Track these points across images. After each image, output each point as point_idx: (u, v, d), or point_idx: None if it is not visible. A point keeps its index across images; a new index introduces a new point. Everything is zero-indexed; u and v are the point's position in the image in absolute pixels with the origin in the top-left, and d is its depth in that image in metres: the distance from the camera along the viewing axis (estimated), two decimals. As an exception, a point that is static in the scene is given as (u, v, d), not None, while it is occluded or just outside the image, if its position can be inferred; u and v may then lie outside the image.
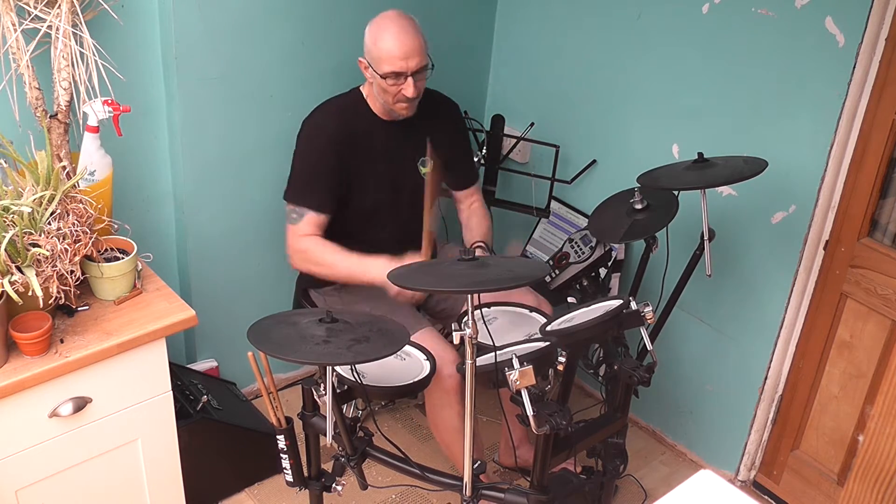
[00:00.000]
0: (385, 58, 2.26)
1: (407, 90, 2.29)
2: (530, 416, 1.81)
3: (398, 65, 2.25)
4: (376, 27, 2.30)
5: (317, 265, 2.38)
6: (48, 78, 2.01)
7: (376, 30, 2.29)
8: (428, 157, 2.41)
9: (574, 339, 2.08)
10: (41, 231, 1.84)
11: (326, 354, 1.72)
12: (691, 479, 1.13)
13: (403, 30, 2.26)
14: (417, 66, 2.27)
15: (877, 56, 2.16)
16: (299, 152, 2.39)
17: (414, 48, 2.26)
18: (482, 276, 1.73)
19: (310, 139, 2.38)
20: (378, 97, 2.36)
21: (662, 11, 2.53)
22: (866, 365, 2.41)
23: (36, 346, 1.83)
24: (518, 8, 2.95)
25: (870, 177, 2.28)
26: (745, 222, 2.50)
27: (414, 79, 2.28)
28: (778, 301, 2.50)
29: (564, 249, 2.82)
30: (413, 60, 2.26)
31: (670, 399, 2.88)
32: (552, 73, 2.91)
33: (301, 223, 2.35)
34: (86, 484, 2.04)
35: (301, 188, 2.36)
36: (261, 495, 2.63)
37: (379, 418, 2.94)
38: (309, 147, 2.38)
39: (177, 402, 2.28)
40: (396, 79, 2.28)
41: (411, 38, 2.26)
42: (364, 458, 2.05)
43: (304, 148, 2.38)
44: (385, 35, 2.26)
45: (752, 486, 2.80)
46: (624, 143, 2.75)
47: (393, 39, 2.25)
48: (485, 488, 1.98)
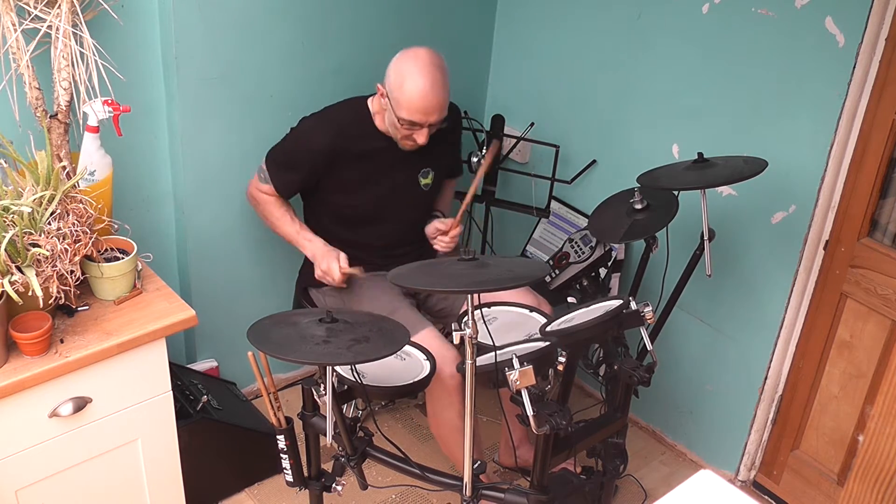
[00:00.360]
0: (406, 106, 2.23)
1: (419, 138, 2.29)
2: (530, 416, 1.81)
3: (418, 117, 2.24)
4: (406, 67, 2.23)
5: (263, 215, 2.51)
6: (48, 78, 2.01)
7: (406, 71, 2.23)
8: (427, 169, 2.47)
9: (574, 339, 2.08)
10: (41, 231, 1.84)
11: (326, 354, 1.72)
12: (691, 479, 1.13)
13: (433, 84, 2.21)
14: (435, 121, 2.27)
15: (877, 56, 2.16)
16: (290, 140, 2.42)
17: (439, 105, 2.24)
18: (482, 276, 1.73)
19: (300, 141, 2.40)
20: (388, 125, 2.35)
21: (662, 11, 2.53)
22: (866, 365, 2.41)
23: (36, 346, 1.83)
24: (518, 8, 2.95)
25: (870, 177, 2.28)
26: (745, 222, 2.50)
27: (429, 129, 2.28)
28: (778, 301, 2.50)
29: (564, 249, 2.82)
30: (433, 116, 2.25)
31: (670, 399, 2.88)
32: (552, 73, 2.91)
33: (264, 185, 2.45)
34: (86, 484, 2.04)
35: (277, 165, 2.42)
36: (261, 495, 2.63)
37: (379, 418, 2.94)
38: (297, 146, 2.40)
39: (177, 402, 2.28)
40: (411, 127, 2.27)
41: (439, 94, 2.23)
42: (364, 458, 2.05)
43: (292, 143, 2.41)
44: (413, 83, 2.21)
45: (752, 486, 2.80)
46: (624, 143, 2.75)
47: (420, 92, 2.21)
48: (485, 488, 1.98)
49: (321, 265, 2.41)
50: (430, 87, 2.22)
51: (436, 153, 2.44)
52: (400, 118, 2.26)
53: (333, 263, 2.39)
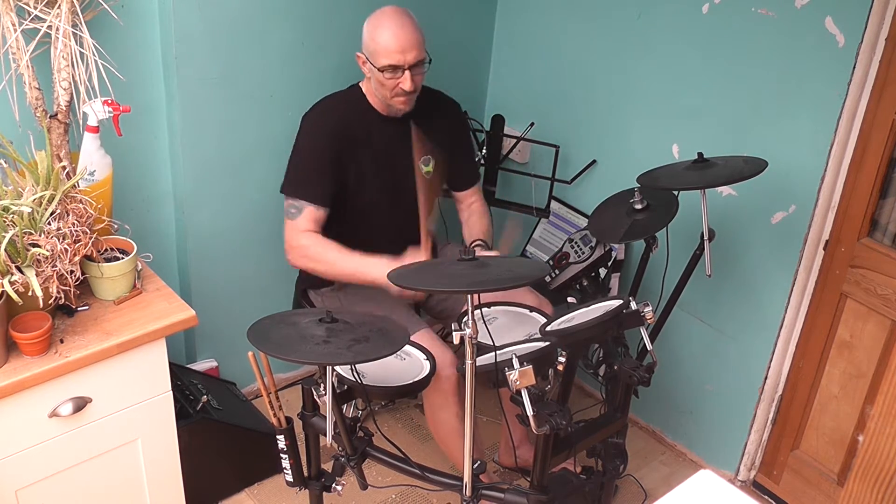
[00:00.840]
0: (382, 51, 2.27)
1: (404, 84, 2.29)
2: (530, 416, 1.81)
3: (395, 58, 2.26)
4: (374, 22, 2.31)
5: (315, 262, 2.35)
6: (48, 78, 2.01)
7: (374, 24, 2.30)
8: (428, 156, 2.42)
9: (574, 339, 2.08)
10: (41, 231, 1.84)
11: (326, 354, 1.72)
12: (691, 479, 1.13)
13: (401, 24, 2.27)
14: (415, 60, 2.28)
15: (877, 56, 2.16)
16: (298, 146, 2.39)
17: (411, 42, 2.27)
18: (482, 276, 1.73)
19: (309, 133, 2.38)
20: (376, 92, 2.36)
21: (662, 11, 2.53)
22: (866, 365, 2.41)
23: (36, 346, 1.83)
24: (518, 8, 2.95)
25: (870, 177, 2.28)
26: (745, 222, 2.50)
27: (411, 73, 2.28)
28: (778, 301, 2.50)
29: (564, 249, 2.82)
30: (410, 54, 2.27)
31: (670, 399, 2.88)
32: (552, 73, 2.91)
33: (300, 218, 2.33)
34: (86, 484, 2.04)
35: (299, 181, 2.35)
36: (261, 495, 2.63)
37: (379, 418, 2.94)
38: (308, 141, 2.38)
39: (177, 402, 2.28)
40: (394, 72, 2.28)
41: (409, 33, 2.27)
42: (364, 458, 2.05)
43: (303, 142, 2.38)
44: (382, 29, 2.27)
45: (752, 486, 2.80)
46: (624, 143, 2.75)
47: (390, 33, 2.26)
48: (485, 488, 1.98)
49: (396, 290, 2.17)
50: (399, 26, 2.26)
51: (434, 139, 2.42)
52: (381, 68, 2.27)
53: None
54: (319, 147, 2.36)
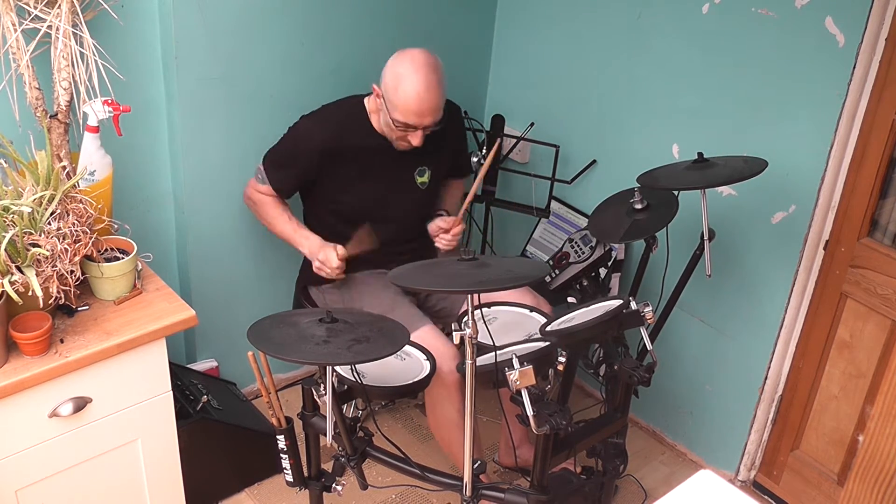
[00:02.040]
0: (401, 108, 2.24)
1: (414, 140, 2.30)
2: (530, 416, 1.81)
3: (412, 120, 2.25)
4: (402, 71, 2.23)
5: (259, 216, 2.52)
6: (48, 78, 2.01)
7: (401, 74, 2.23)
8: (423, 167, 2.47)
9: (574, 339, 2.08)
10: (41, 231, 1.84)
11: (326, 354, 1.72)
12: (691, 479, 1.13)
13: (428, 87, 2.21)
14: (431, 124, 2.27)
15: (877, 56, 2.16)
16: (287, 142, 2.42)
17: (433, 108, 2.24)
18: (482, 276, 1.73)
19: (297, 139, 2.40)
20: (382, 125, 2.36)
21: (662, 11, 2.53)
22: (866, 365, 2.41)
23: (36, 346, 1.83)
24: (518, 8, 2.95)
25: (870, 177, 2.28)
26: (745, 222, 2.50)
27: (423, 132, 2.28)
28: (778, 301, 2.50)
29: (564, 249, 2.82)
30: (428, 119, 2.26)
31: (670, 399, 2.88)
32: (552, 73, 2.91)
33: (261, 185, 2.46)
34: (86, 484, 2.04)
35: (274, 166, 2.43)
36: (261, 495, 2.63)
37: (379, 418, 2.94)
38: (294, 145, 2.40)
39: (177, 402, 2.28)
40: (406, 129, 2.28)
41: (433, 98, 2.23)
42: (364, 458, 2.05)
43: (290, 142, 2.41)
44: (408, 86, 2.21)
45: (752, 486, 2.80)
46: (624, 143, 2.75)
47: (415, 95, 2.21)
48: (485, 488, 1.98)
49: (318, 256, 2.39)
50: (425, 89, 2.22)
51: (432, 152, 2.43)
52: (394, 120, 2.27)
53: (331, 252, 2.36)
54: (300, 157, 2.39)
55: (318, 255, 2.39)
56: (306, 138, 2.38)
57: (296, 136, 2.41)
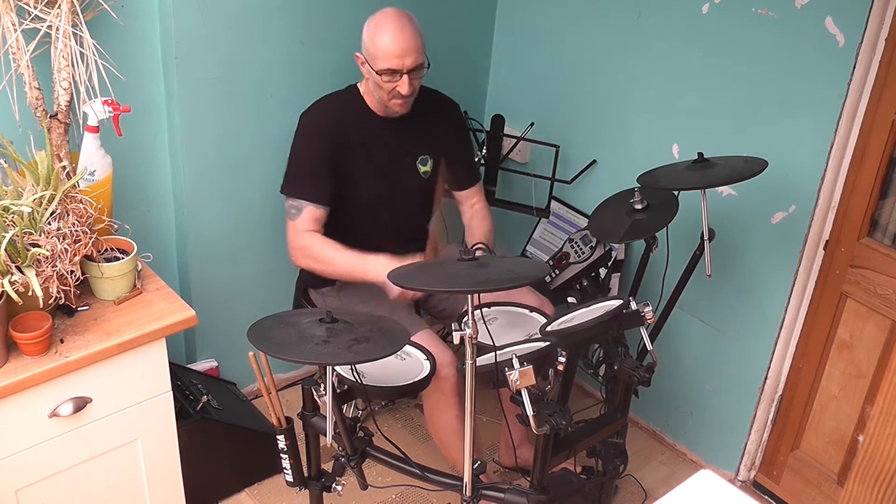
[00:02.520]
0: (381, 55, 2.26)
1: (402, 87, 2.29)
2: (530, 416, 1.81)
3: (394, 62, 2.26)
4: (375, 24, 2.30)
5: (317, 262, 2.36)
6: (48, 78, 2.01)
7: (374, 26, 2.29)
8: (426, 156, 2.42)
9: (574, 339, 2.08)
10: (41, 231, 1.84)
11: (326, 354, 1.72)
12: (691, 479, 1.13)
13: (401, 28, 2.26)
14: (413, 65, 2.28)
15: (877, 56, 2.16)
16: (296, 146, 2.39)
17: (411, 47, 2.26)
18: (482, 276, 1.73)
19: (305, 133, 2.38)
20: (374, 93, 2.37)
21: (662, 11, 2.53)
22: (866, 365, 2.41)
23: (36, 346, 1.83)
24: (518, 8, 2.95)
25: (870, 177, 2.28)
26: (745, 222, 2.50)
27: (409, 76, 2.28)
28: (778, 301, 2.50)
29: (564, 249, 2.82)
30: (409, 59, 2.26)
31: (670, 399, 2.88)
32: (552, 73, 2.91)
33: (300, 218, 2.34)
34: (86, 484, 2.04)
35: (299, 181, 2.35)
36: (261, 495, 2.63)
37: (379, 418, 2.94)
38: (305, 141, 2.38)
39: (177, 402, 2.28)
40: (392, 76, 2.28)
41: (409, 37, 2.26)
42: (364, 458, 2.05)
43: (300, 142, 2.39)
44: (383, 32, 2.27)
45: (752, 486, 2.80)
46: (624, 143, 2.75)
47: (390, 37, 2.25)
48: (485, 488, 1.98)
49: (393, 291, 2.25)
50: (399, 29, 2.26)
51: (432, 139, 2.44)
52: (379, 71, 2.27)
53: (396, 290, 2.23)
54: (316, 147, 2.36)
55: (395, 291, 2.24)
56: (311, 128, 2.37)
57: (303, 133, 2.38)
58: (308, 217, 2.33)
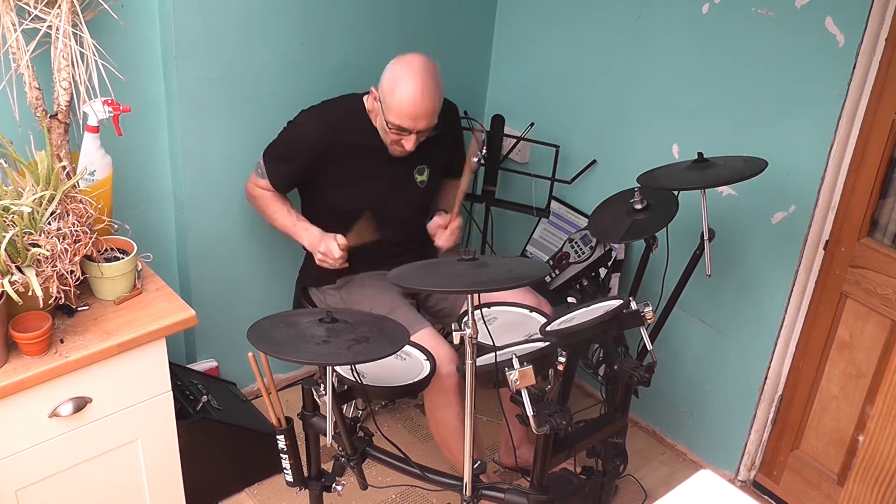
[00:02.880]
0: (395, 110, 2.25)
1: (407, 144, 2.31)
2: (530, 416, 1.81)
3: (406, 123, 2.26)
4: (399, 75, 2.25)
5: (260, 210, 2.52)
6: (48, 78, 2.01)
7: (398, 77, 2.25)
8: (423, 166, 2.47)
9: (574, 339, 2.08)
10: (41, 231, 1.84)
11: (326, 354, 1.72)
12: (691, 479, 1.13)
13: (424, 91, 2.23)
14: (425, 128, 2.29)
15: (877, 56, 2.16)
16: (286, 134, 2.43)
17: (428, 112, 2.26)
18: (482, 276, 1.73)
19: (296, 134, 2.41)
20: (378, 127, 2.37)
21: (662, 11, 2.53)
22: (866, 365, 2.41)
23: (36, 346, 1.83)
24: (518, 8, 2.95)
25: (870, 177, 2.28)
26: (745, 222, 2.50)
27: (417, 136, 2.29)
28: (778, 301, 2.50)
29: (564, 249, 2.82)
30: (422, 122, 2.27)
31: (670, 399, 2.88)
32: (552, 73, 2.91)
33: (261, 179, 2.45)
34: (86, 484, 2.04)
35: (273, 158, 2.43)
36: (261, 495, 2.63)
37: (379, 418, 2.94)
38: (293, 139, 2.41)
39: (177, 402, 2.28)
40: (400, 132, 2.29)
41: (428, 101, 2.24)
42: (364, 458, 2.05)
43: (288, 136, 2.42)
44: (404, 88, 2.23)
45: (752, 486, 2.80)
46: (624, 143, 2.75)
47: (410, 99, 2.23)
48: (485, 488, 1.98)
49: (319, 248, 2.38)
50: (420, 93, 2.23)
51: (430, 150, 2.44)
52: (389, 122, 2.28)
53: (332, 243, 2.35)
54: (302, 148, 2.39)
55: (319, 246, 2.38)
56: (303, 133, 2.40)
57: (294, 130, 2.41)
58: (265, 185, 2.46)
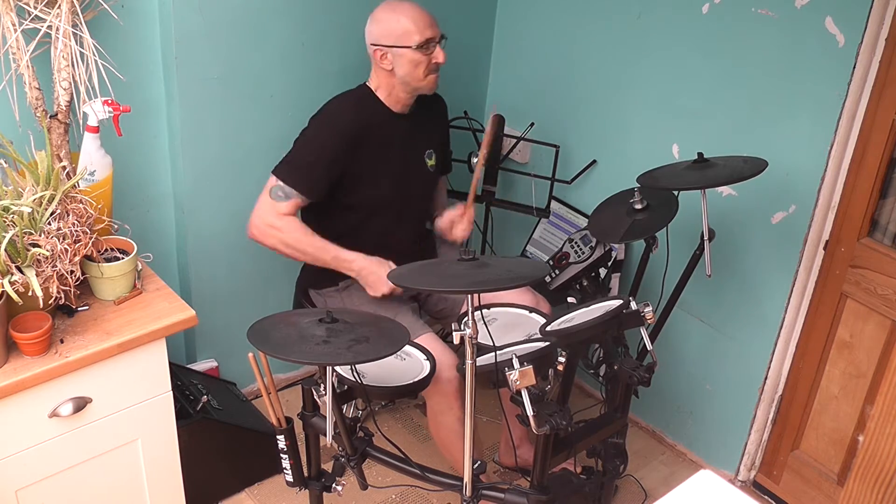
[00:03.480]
0: (414, 29, 2.30)
1: (439, 56, 2.34)
2: (530, 416, 1.81)
3: (428, 32, 2.31)
4: (389, 9, 2.34)
5: (287, 247, 2.32)
6: (48, 78, 2.01)
7: (390, 11, 2.33)
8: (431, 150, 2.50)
9: (574, 339, 2.08)
10: (41, 231, 1.84)
11: (326, 354, 1.71)
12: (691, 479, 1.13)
13: (415, 5, 2.33)
14: (441, 33, 2.35)
15: (877, 56, 2.16)
16: (309, 135, 2.34)
17: (433, 17, 2.35)
18: (482, 276, 1.73)
19: (323, 126, 2.34)
20: (405, 78, 2.34)
21: (662, 11, 2.53)
22: (866, 365, 2.41)
23: (36, 346, 1.83)
24: (518, 8, 2.95)
25: (870, 177, 2.28)
26: (745, 222, 2.51)
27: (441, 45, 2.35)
28: (778, 301, 2.50)
29: (564, 249, 2.82)
30: (436, 27, 2.34)
31: (670, 399, 2.88)
32: (552, 73, 2.91)
33: (284, 203, 2.28)
34: (86, 484, 2.04)
35: (298, 169, 2.29)
36: (261, 495, 2.63)
37: (379, 418, 2.94)
38: (320, 133, 2.33)
39: (177, 402, 2.28)
40: (429, 46, 2.32)
41: (426, 10, 2.34)
42: (364, 458, 2.05)
43: (314, 132, 2.34)
44: (403, 11, 2.31)
45: (752, 486, 2.80)
46: (624, 143, 2.75)
47: (415, 12, 2.31)
48: (485, 488, 1.98)
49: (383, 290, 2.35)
50: (416, 6, 2.33)
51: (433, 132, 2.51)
52: (417, 45, 2.29)
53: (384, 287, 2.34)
54: (329, 145, 2.32)
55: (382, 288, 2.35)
56: (330, 123, 2.34)
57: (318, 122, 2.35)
58: (292, 205, 2.29)
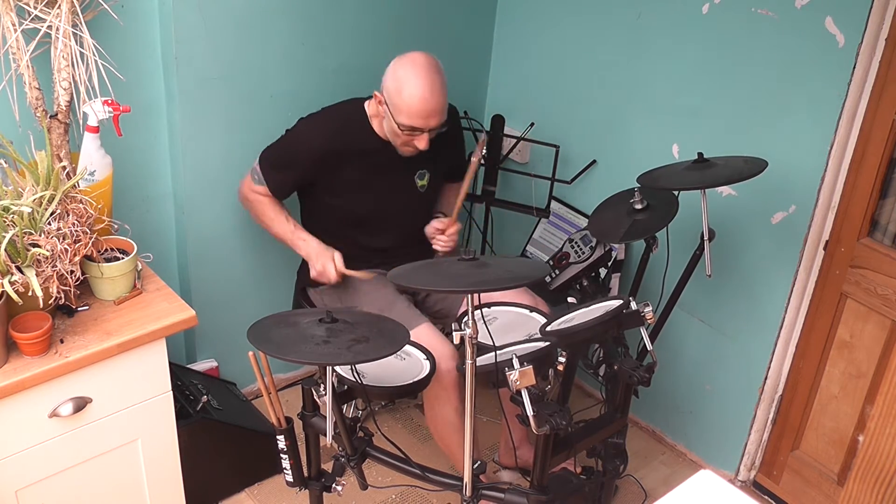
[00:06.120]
0: (406, 111, 2.23)
1: (420, 143, 2.29)
2: (530, 416, 1.81)
3: (418, 122, 2.24)
4: (403, 72, 2.23)
5: (256, 216, 2.50)
6: (48, 78, 2.01)
7: (403, 77, 2.23)
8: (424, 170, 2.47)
9: (574, 339, 2.08)
10: (41, 231, 1.84)
11: (326, 354, 1.72)
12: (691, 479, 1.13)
13: (432, 89, 2.22)
14: (436, 125, 2.27)
15: (877, 56, 2.16)
16: (289, 139, 2.42)
17: (438, 108, 2.24)
18: (482, 276, 1.73)
19: (297, 142, 2.40)
20: (386, 130, 2.35)
21: (662, 11, 2.53)
22: (866, 365, 2.41)
23: (36, 346, 1.83)
24: (518, 8, 2.95)
25: (870, 177, 2.28)
26: (745, 222, 2.51)
27: (429, 134, 2.28)
28: (778, 301, 2.50)
29: (564, 249, 2.82)
30: (434, 120, 2.26)
31: (670, 399, 2.88)
32: (552, 73, 2.91)
33: (257, 185, 2.44)
34: (86, 484, 2.04)
35: (272, 167, 2.41)
36: (261, 495, 2.63)
37: (379, 418, 2.94)
38: (293, 147, 2.40)
39: (177, 402, 2.28)
40: (412, 132, 2.27)
41: (437, 97, 2.23)
42: (364, 458, 2.05)
43: (288, 144, 2.41)
44: (411, 87, 2.21)
45: (752, 486, 2.80)
46: (624, 143, 2.75)
47: (419, 97, 2.21)
48: (485, 488, 1.98)
49: (316, 265, 2.41)
50: (430, 91, 2.22)
51: (432, 155, 2.43)
52: (400, 124, 2.26)
53: (329, 264, 2.39)
54: (300, 159, 2.39)
55: (317, 263, 2.41)
56: (304, 140, 2.39)
57: (295, 138, 2.41)
58: (263, 191, 2.44)
